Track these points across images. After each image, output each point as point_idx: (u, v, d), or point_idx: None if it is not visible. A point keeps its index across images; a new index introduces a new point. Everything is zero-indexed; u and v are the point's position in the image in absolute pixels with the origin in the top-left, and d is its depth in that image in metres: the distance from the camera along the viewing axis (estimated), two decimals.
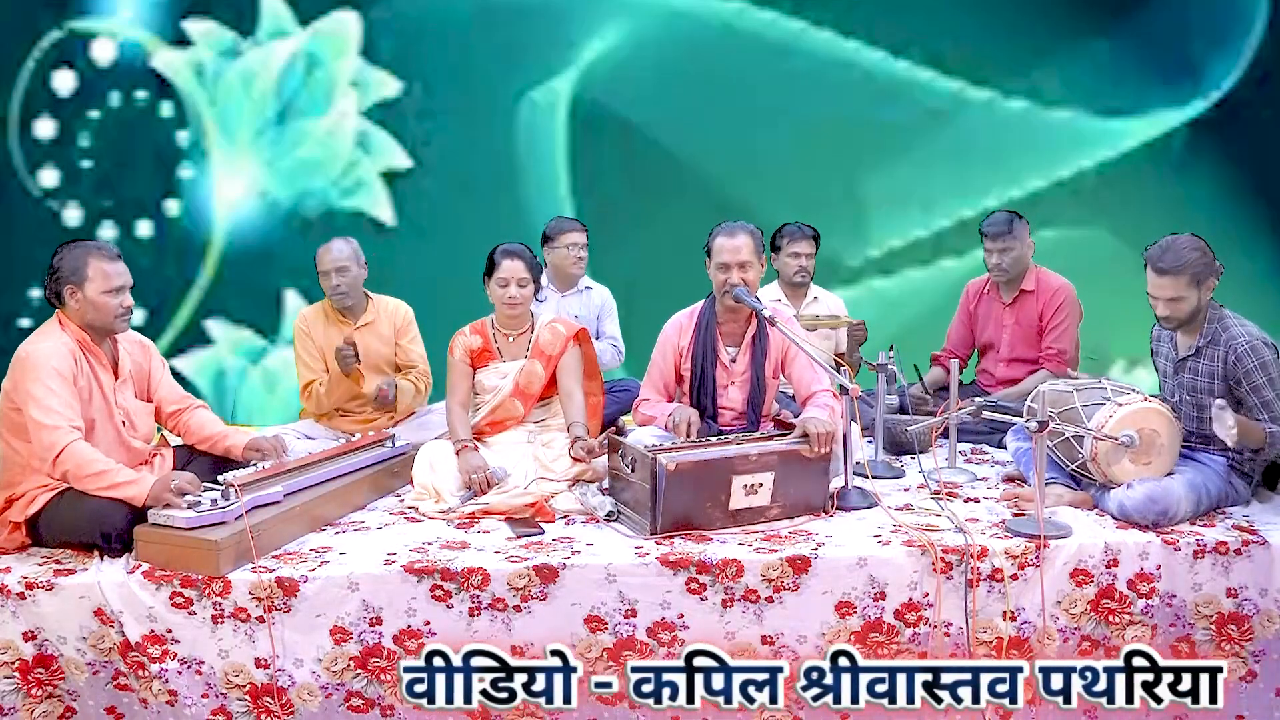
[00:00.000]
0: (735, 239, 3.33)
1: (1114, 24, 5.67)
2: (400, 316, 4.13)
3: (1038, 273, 4.18)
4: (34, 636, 2.69)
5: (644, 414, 3.48)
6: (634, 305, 4.70)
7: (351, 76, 5.72)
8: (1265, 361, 2.92)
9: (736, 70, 5.74)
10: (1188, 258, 2.95)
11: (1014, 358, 4.22)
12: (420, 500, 3.24)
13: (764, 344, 3.42)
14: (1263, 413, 2.92)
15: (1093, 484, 3.08)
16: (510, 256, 3.49)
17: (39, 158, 5.62)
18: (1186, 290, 2.97)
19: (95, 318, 2.96)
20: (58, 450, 2.78)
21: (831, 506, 3.07)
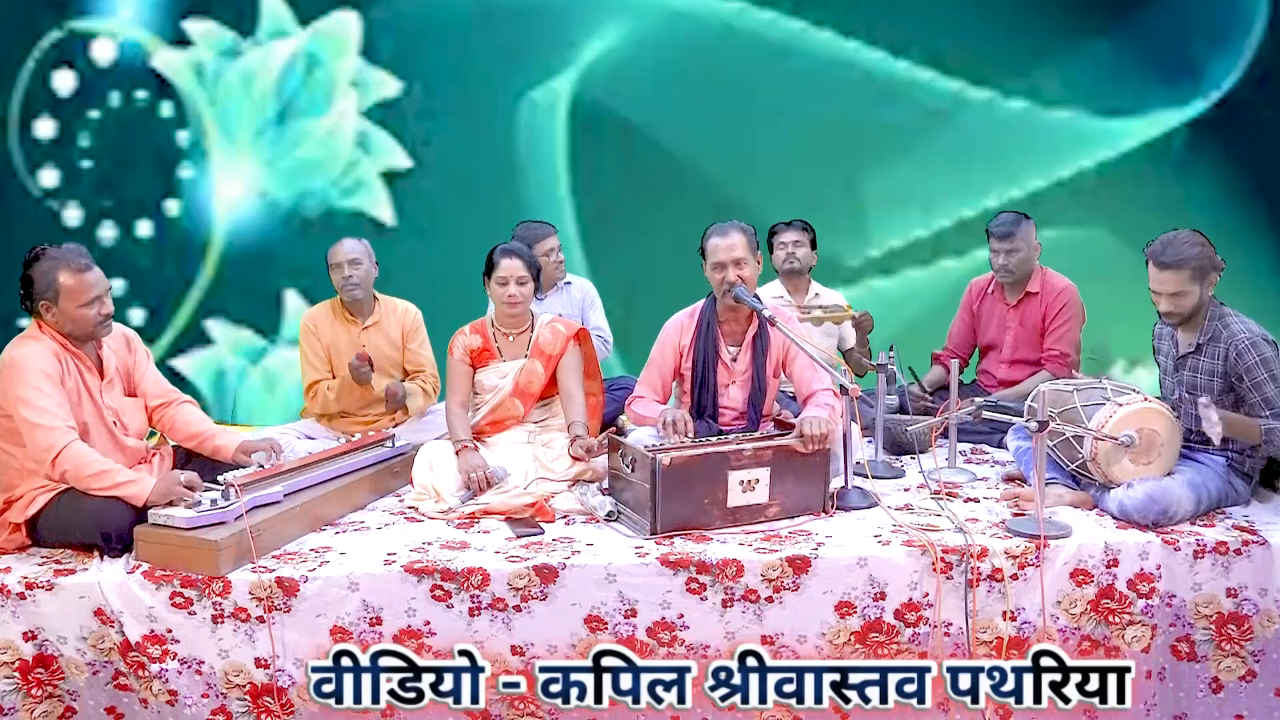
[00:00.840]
0: (728, 238, 3.34)
1: (1114, 24, 5.66)
2: (410, 319, 4.13)
3: (1043, 274, 4.17)
4: (34, 636, 2.69)
5: (636, 412, 3.48)
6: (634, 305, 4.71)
7: (351, 76, 5.72)
8: (1266, 358, 2.92)
9: (736, 70, 5.74)
10: (1189, 253, 2.95)
11: (1016, 359, 4.21)
12: (420, 500, 3.24)
13: (765, 343, 3.42)
14: (1264, 409, 2.92)
15: (1093, 484, 3.08)
16: (509, 255, 3.50)
17: (39, 158, 5.62)
18: (1189, 285, 2.97)
19: (75, 329, 2.92)
20: (56, 451, 2.77)
21: (831, 506, 3.07)
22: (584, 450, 3.29)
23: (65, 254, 2.89)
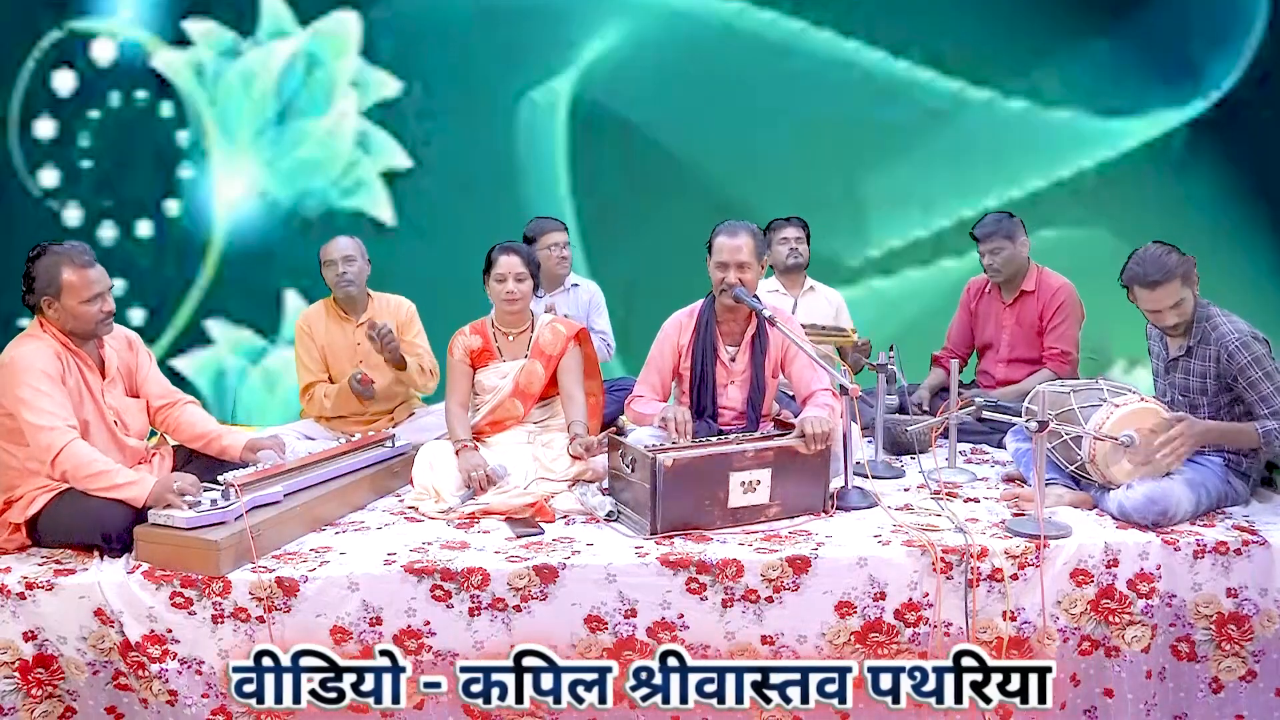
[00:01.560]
0: (736, 239, 3.33)
1: (1114, 24, 5.66)
2: (403, 312, 4.15)
3: (1039, 273, 4.17)
4: (34, 636, 2.69)
5: (636, 411, 3.48)
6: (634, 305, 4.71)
7: (351, 76, 5.72)
8: (1258, 356, 2.93)
9: (736, 70, 5.74)
10: (1169, 262, 2.97)
11: (1014, 358, 4.21)
12: (420, 500, 3.24)
13: (764, 343, 3.42)
14: (1262, 408, 2.92)
15: (1092, 485, 3.08)
16: (507, 252, 3.51)
17: (39, 158, 5.62)
18: (1183, 291, 2.99)
19: (76, 326, 2.92)
20: (56, 450, 2.77)
21: (831, 506, 3.07)
22: (583, 448, 3.29)
23: (68, 250, 2.90)
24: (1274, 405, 2.91)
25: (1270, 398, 2.91)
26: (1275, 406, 2.91)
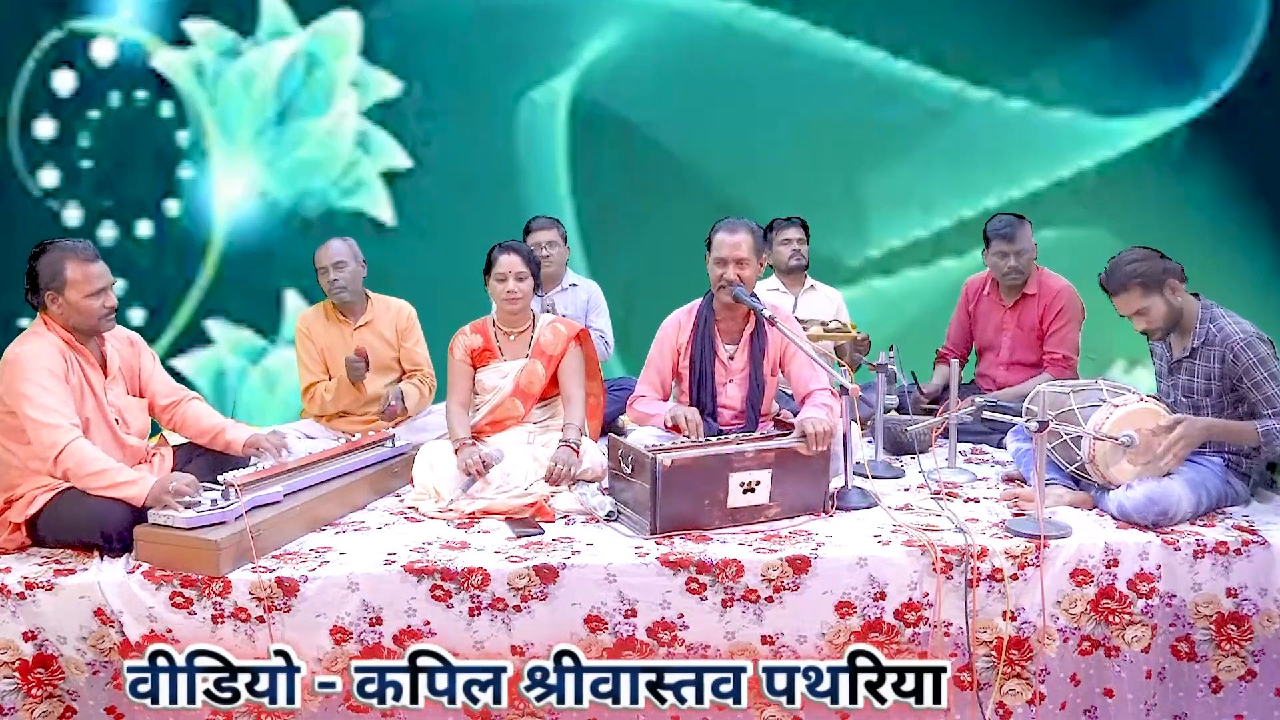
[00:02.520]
0: (735, 235, 3.33)
1: (1114, 24, 5.67)
2: (404, 317, 4.13)
3: (1039, 274, 4.15)
4: (34, 636, 2.69)
5: (639, 410, 3.48)
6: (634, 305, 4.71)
7: (351, 76, 5.72)
8: (1263, 356, 2.93)
9: (736, 70, 5.74)
10: (1129, 270, 3.00)
11: (1015, 361, 4.19)
12: (420, 500, 3.24)
13: (762, 342, 3.42)
14: (1266, 408, 2.92)
15: (1092, 485, 3.08)
16: (508, 251, 3.51)
17: (39, 158, 5.62)
18: (1144, 300, 3.01)
19: (79, 321, 2.93)
20: (59, 448, 2.78)
21: (831, 506, 3.07)
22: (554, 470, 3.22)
23: (71, 245, 2.93)
24: (1278, 406, 2.91)
25: (1275, 398, 2.91)
26: (1279, 407, 2.91)
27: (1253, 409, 2.96)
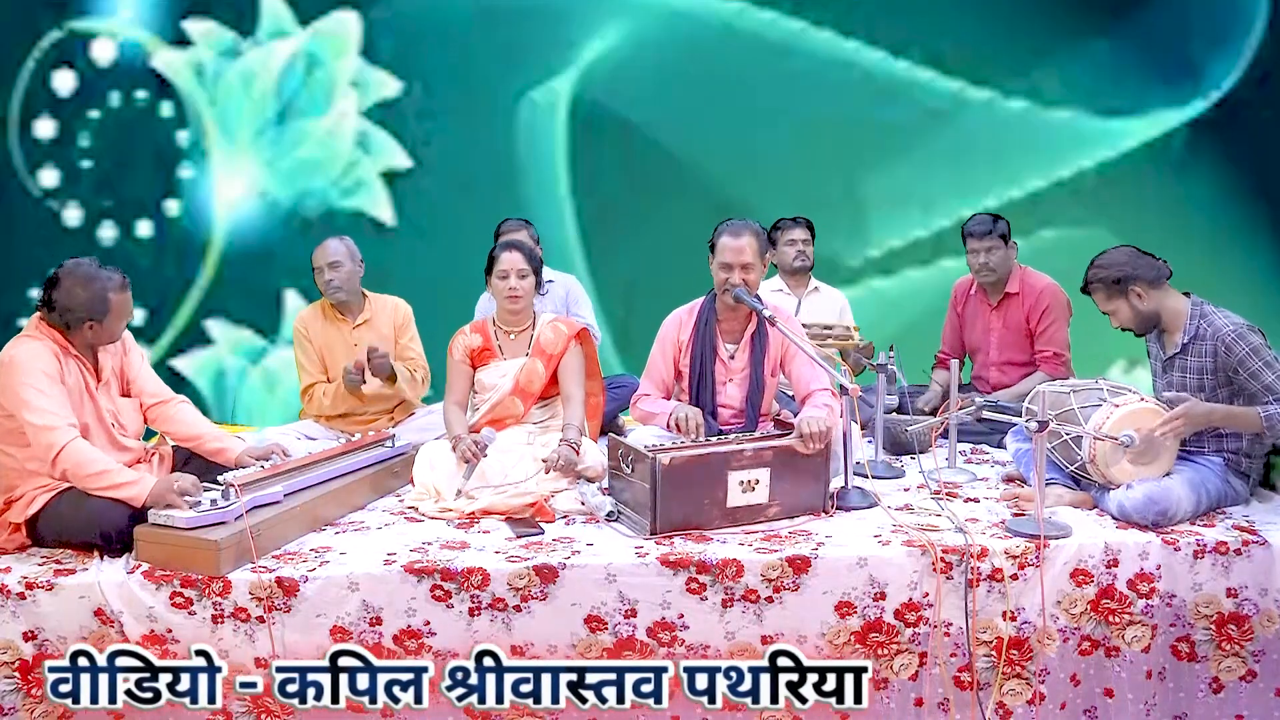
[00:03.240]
0: (739, 239, 3.33)
1: (1114, 24, 5.67)
2: (400, 314, 4.15)
3: (1022, 274, 4.16)
4: (34, 636, 2.69)
5: (643, 410, 3.48)
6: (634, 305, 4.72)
7: (351, 76, 5.72)
8: (1256, 346, 2.93)
9: (736, 70, 5.74)
10: (1091, 274, 3.11)
11: (1005, 361, 4.20)
12: (420, 500, 3.24)
13: (763, 342, 3.42)
14: (1266, 395, 2.92)
15: (1092, 485, 3.08)
16: (509, 249, 3.52)
17: (39, 158, 5.62)
18: (1110, 303, 3.10)
19: (104, 341, 2.99)
20: (57, 449, 2.77)
21: (831, 506, 3.07)
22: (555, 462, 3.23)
23: (105, 276, 2.91)
24: (1278, 392, 2.91)
25: (1274, 385, 2.91)
26: (1278, 392, 2.91)
27: (1251, 399, 2.96)
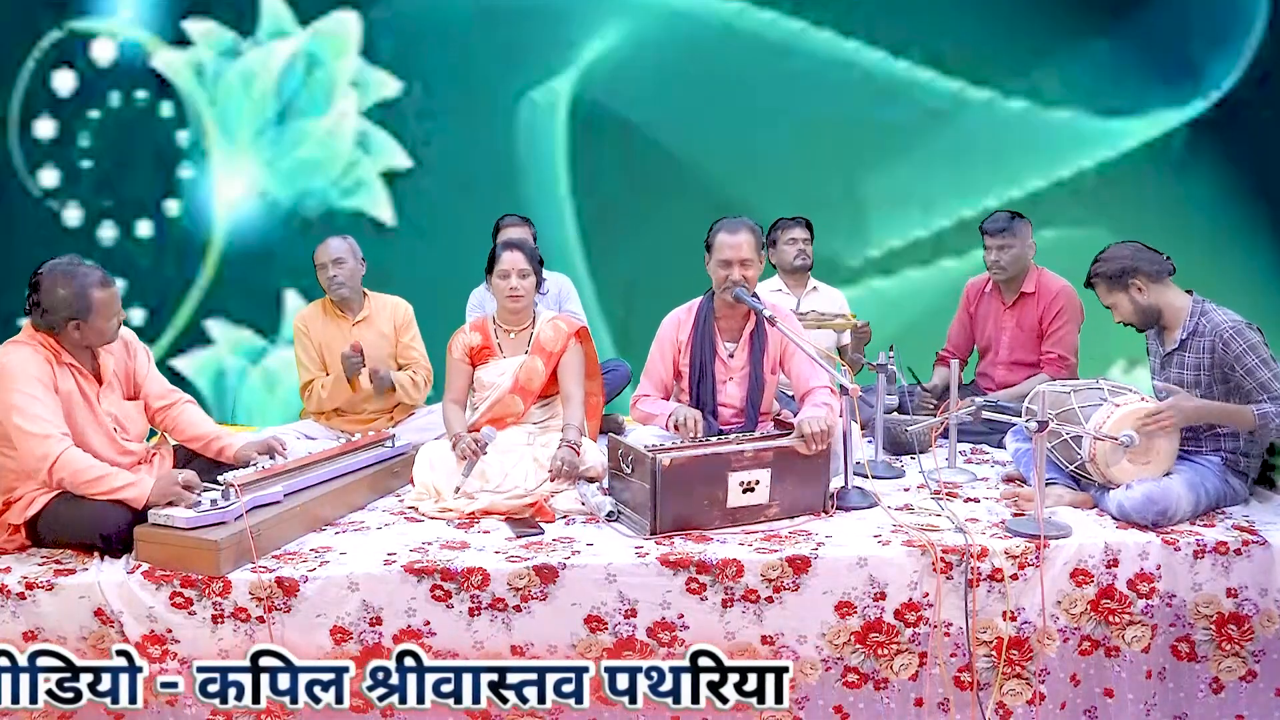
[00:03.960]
0: (737, 236, 3.33)
1: (1114, 24, 5.67)
2: (401, 313, 4.16)
3: (1039, 274, 4.16)
4: (34, 636, 2.68)
5: (643, 410, 3.48)
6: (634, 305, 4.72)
7: (351, 76, 5.72)
8: (1254, 343, 2.94)
9: (736, 70, 5.74)
10: (1094, 269, 3.15)
11: (1014, 360, 4.19)
12: (420, 500, 3.24)
13: (762, 340, 3.42)
14: (1262, 394, 2.92)
15: (1092, 485, 3.08)
16: (510, 248, 3.52)
17: (39, 158, 5.62)
18: (1111, 296, 3.13)
19: (93, 341, 2.93)
20: (51, 460, 2.75)
21: (831, 506, 3.07)
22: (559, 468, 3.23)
23: (85, 273, 2.86)
24: (1273, 390, 2.91)
25: (1269, 383, 2.91)
26: (1275, 391, 2.91)
27: (1247, 396, 2.96)
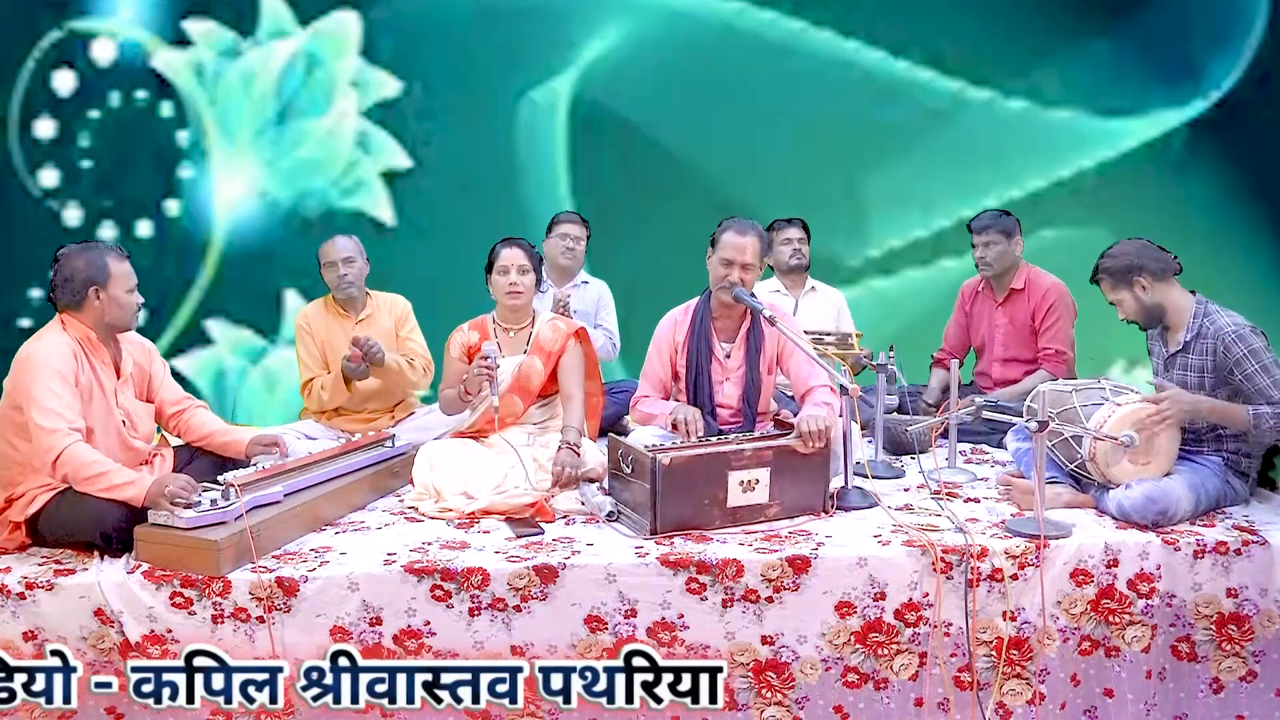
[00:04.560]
0: (744, 238, 3.33)
1: (1114, 24, 5.67)
2: (399, 308, 4.20)
3: (1028, 271, 4.18)
4: (34, 636, 2.69)
5: (643, 411, 3.48)
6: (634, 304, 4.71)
7: (351, 76, 5.72)
8: (1255, 348, 2.94)
9: (736, 70, 5.74)
10: (1100, 264, 3.15)
11: (1009, 358, 4.22)
12: (420, 500, 3.24)
13: (758, 340, 3.42)
14: (1259, 399, 2.92)
15: (1092, 484, 3.08)
16: (510, 245, 3.53)
17: (39, 158, 5.62)
18: (1115, 293, 3.12)
19: (116, 316, 2.98)
20: (57, 453, 2.78)
21: (831, 506, 3.07)
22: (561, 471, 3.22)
23: (105, 245, 3.02)
24: (1270, 396, 2.91)
25: (1267, 390, 2.91)
26: (1272, 398, 2.91)
27: (1246, 400, 2.96)
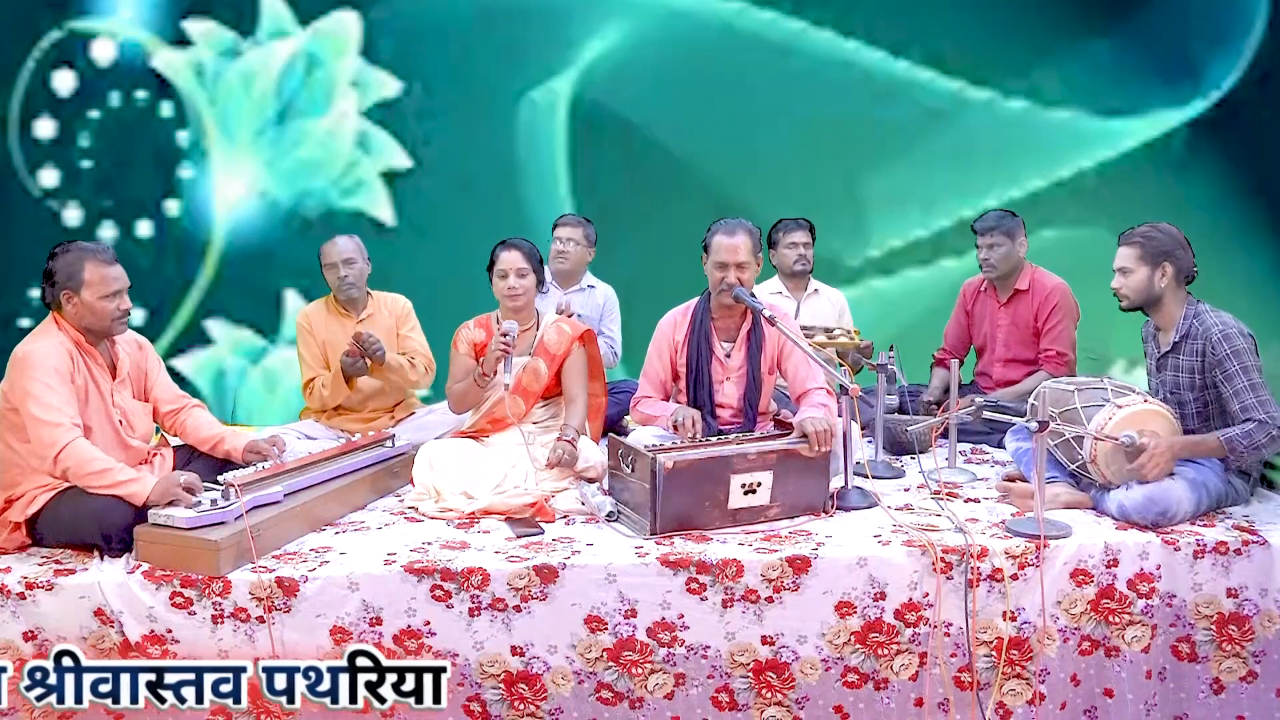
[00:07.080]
0: (734, 238, 3.33)
1: (1114, 24, 5.67)
2: (400, 307, 4.21)
3: (1032, 272, 4.18)
4: (34, 636, 2.69)
5: (643, 412, 3.48)
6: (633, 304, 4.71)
7: (351, 76, 5.72)
8: (1238, 349, 2.93)
9: (736, 70, 5.74)
10: (1143, 231, 3.09)
11: (1010, 358, 4.21)
12: (420, 500, 3.24)
13: (759, 340, 3.42)
14: (1234, 402, 2.92)
15: (1092, 484, 3.08)
16: (508, 248, 3.53)
17: (39, 158, 5.62)
18: (1135, 264, 3.07)
19: (92, 322, 2.96)
20: (58, 448, 2.78)
21: (831, 506, 3.07)
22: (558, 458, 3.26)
23: (91, 248, 2.98)
24: (1244, 400, 2.91)
25: (1242, 392, 2.91)
26: (1245, 401, 2.91)
27: (1223, 407, 2.97)
